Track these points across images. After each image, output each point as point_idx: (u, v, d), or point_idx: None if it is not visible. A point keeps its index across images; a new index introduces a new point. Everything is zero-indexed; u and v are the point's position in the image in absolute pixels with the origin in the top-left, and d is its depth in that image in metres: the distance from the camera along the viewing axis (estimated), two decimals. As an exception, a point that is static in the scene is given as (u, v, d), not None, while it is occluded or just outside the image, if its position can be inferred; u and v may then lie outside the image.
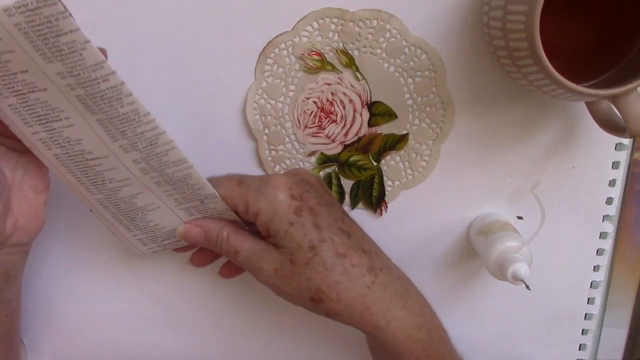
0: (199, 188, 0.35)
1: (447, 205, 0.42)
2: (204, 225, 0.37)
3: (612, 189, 0.42)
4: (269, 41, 0.38)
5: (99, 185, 0.35)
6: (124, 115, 0.31)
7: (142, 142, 0.33)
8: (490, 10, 0.33)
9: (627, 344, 0.46)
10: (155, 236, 0.39)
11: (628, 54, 0.34)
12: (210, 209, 0.37)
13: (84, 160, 0.34)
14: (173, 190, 0.35)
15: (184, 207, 0.37)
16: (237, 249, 0.35)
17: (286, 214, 0.34)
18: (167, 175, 0.34)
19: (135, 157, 0.33)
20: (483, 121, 0.40)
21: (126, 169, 0.34)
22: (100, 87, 0.30)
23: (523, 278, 0.35)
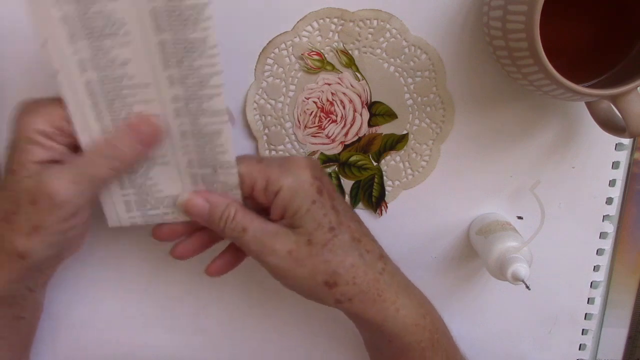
0: (221, 151, 0.33)
1: (447, 205, 0.42)
2: (210, 199, 0.34)
3: (612, 189, 0.42)
4: (269, 41, 0.38)
5: (118, 122, 0.32)
6: (191, 42, 0.29)
7: (194, 77, 0.30)
8: (490, 10, 0.33)
9: (627, 344, 0.46)
10: (146, 200, 0.35)
11: (628, 54, 0.34)
12: (219, 182, 0.34)
13: (118, 88, 0.31)
14: (193, 147, 0.33)
15: (193, 172, 0.34)
16: (245, 227, 0.33)
17: (309, 192, 0.33)
18: (197, 125, 0.32)
19: (177, 94, 0.31)
20: (483, 121, 0.40)
21: (160, 105, 0.32)
22: (183, 2, 0.28)
23: (523, 278, 0.35)
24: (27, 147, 0.30)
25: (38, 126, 0.30)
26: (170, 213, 0.36)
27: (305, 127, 0.40)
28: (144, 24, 0.29)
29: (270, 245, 0.33)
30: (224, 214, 0.33)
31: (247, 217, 0.33)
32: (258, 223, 0.33)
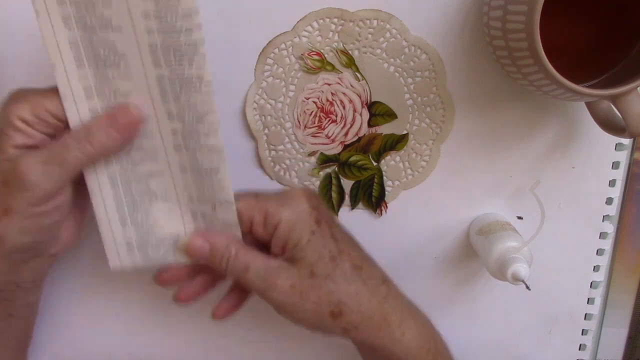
0: (220, 188, 0.33)
1: (447, 205, 0.42)
2: (211, 239, 0.34)
3: (612, 189, 0.42)
4: (269, 41, 0.38)
5: (122, 155, 0.33)
6: (187, 78, 0.30)
7: (191, 112, 0.31)
8: (490, 10, 0.33)
9: (627, 344, 0.46)
10: (147, 240, 0.35)
11: (628, 54, 0.34)
12: (219, 220, 0.34)
13: None
14: (192, 183, 0.33)
15: (193, 209, 0.34)
16: (248, 265, 0.33)
17: (308, 222, 0.33)
18: (196, 160, 0.32)
19: (175, 128, 0.32)
20: (483, 121, 0.40)
21: (161, 138, 0.32)
22: (179, 39, 0.29)
23: (523, 278, 0.35)
24: (9, 132, 0.31)
25: (20, 113, 0.30)
26: (171, 254, 0.36)
27: (305, 127, 0.40)
28: (143, 59, 0.30)
29: (273, 281, 0.33)
30: (225, 253, 0.33)
31: (248, 255, 0.33)
32: (260, 260, 0.33)
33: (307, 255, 0.33)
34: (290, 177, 0.41)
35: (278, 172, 0.41)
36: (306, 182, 0.41)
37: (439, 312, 0.46)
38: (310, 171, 0.41)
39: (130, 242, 0.35)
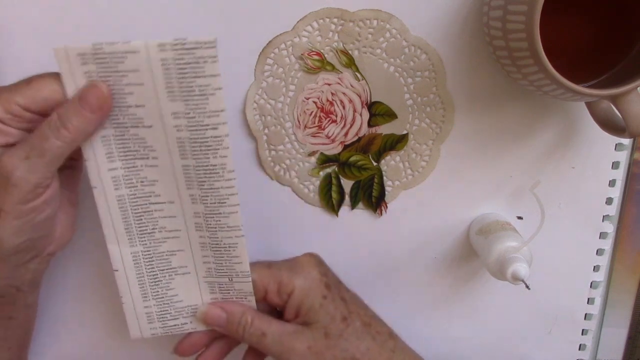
0: (238, 262, 0.35)
1: (447, 205, 0.42)
2: (227, 308, 0.37)
3: (612, 189, 0.42)
4: (269, 41, 0.38)
5: (146, 235, 0.35)
6: (212, 167, 0.32)
7: (214, 197, 0.33)
8: (490, 10, 0.33)
9: (627, 344, 0.46)
10: (166, 311, 0.38)
11: (628, 54, 0.34)
12: (234, 290, 0.37)
13: (147, 204, 0.34)
14: (212, 258, 0.36)
15: (211, 281, 0.37)
16: (264, 331, 0.36)
17: (319, 288, 0.36)
18: (216, 238, 0.35)
19: (198, 210, 0.34)
20: (483, 121, 0.40)
21: (184, 220, 0.35)
22: (205, 134, 0.31)
23: (523, 278, 0.35)
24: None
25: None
26: (188, 323, 0.38)
27: (305, 127, 0.40)
28: (171, 151, 0.32)
29: (290, 345, 0.35)
30: (242, 321, 0.36)
31: (264, 322, 0.36)
32: (275, 325, 0.36)
33: (321, 318, 0.36)
34: (290, 177, 0.41)
35: (278, 172, 0.41)
36: (306, 181, 0.41)
37: (439, 312, 0.46)
38: (310, 171, 0.41)
39: (151, 314, 0.38)
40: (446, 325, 0.46)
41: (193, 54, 0.29)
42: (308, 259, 0.38)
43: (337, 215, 0.42)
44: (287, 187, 0.42)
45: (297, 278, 0.36)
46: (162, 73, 0.30)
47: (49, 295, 0.44)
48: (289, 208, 0.42)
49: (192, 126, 0.31)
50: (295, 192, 0.42)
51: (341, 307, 0.37)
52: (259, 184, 0.41)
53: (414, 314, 0.45)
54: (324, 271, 0.37)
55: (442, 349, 0.47)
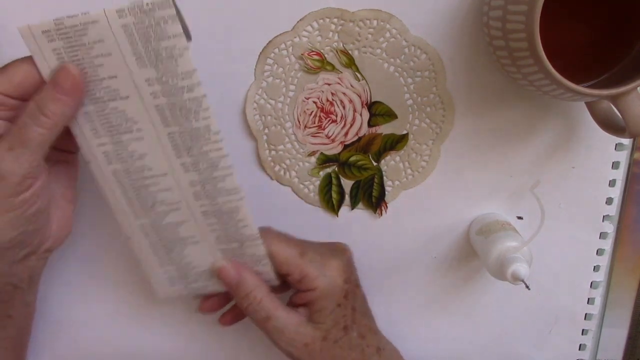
0: (243, 226, 0.35)
1: (447, 205, 0.42)
2: (242, 273, 0.36)
3: (612, 189, 0.42)
4: (269, 41, 0.38)
5: (148, 209, 0.35)
6: (196, 130, 0.32)
7: (204, 162, 0.33)
8: (490, 10, 0.33)
9: (627, 344, 0.46)
10: (186, 275, 0.38)
11: (628, 54, 0.34)
12: (248, 255, 0.37)
13: (141, 178, 0.34)
14: (217, 225, 0.36)
15: (223, 248, 0.37)
16: (269, 314, 0.36)
17: (338, 296, 0.36)
18: (217, 204, 0.35)
19: (193, 179, 0.34)
20: (483, 121, 0.40)
21: (180, 191, 0.35)
22: (182, 97, 0.31)
23: (523, 278, 0.35)
24: None
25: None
26: (210, 285, 0.39)
27: (305, 127, 0.40)
28: (153, 120, 0.32)
29: (290, 336, 0.36)
30: (251, 295, 0.36)
31: (272, 305, 0.36)
32: (281, 313, 0.36)
33: (326, 322, 0.36)
34: (290, 177, 0.41)
35: (278, 172, 0.41)
36: (306, 181, 0.41)
37: (439, 312, 0.46)
38: (310, 171, 0.41)
39: (172, 278, 0.38)
40: (446, 325, 0.46)
41: (153, 16, 0.29)
42: (339, 263, 0.37)
43: (337, 215, 0.42)
44: (287, 187, 0.42)
45: (322, 279, 0.36)
46: (127, 39, 0.29)
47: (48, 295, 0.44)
48: (289, 208, 0.42)
49: (167, 91, 0.31)
50: (295, 192, 0.42)
51: (348, 316, 0.37)
52: (259, 184, 0.41)
53: (414, 313, 0.45)
54: (347, 277, 0.37)
55: (441, 349, 0.47)
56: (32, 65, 0.31)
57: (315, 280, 0.36)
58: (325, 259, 0.37)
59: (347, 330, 0.37)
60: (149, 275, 0.38)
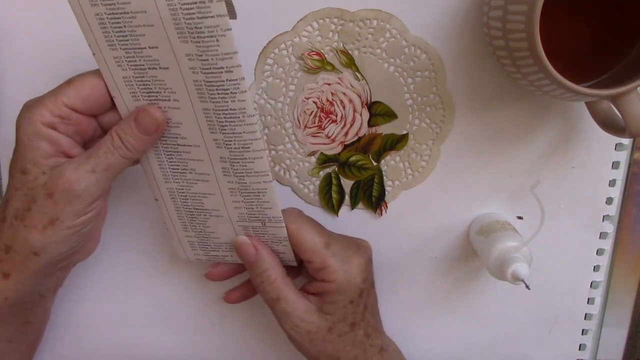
0: (268, 207, 0.35)
1: (447, 205, 0.42)
2: (261, 252, 0.37)
3: (612, 189, 0.42)
4: (269, 41, 0.38)
5: (178, 174, 0.36)
6: (231, 111, 0.32)
7: (237, 142, 0.33)
8: (490, 10, 0.33)
9: (627, 344, 0.46)
10: (206, 244, 0.39)
11: (628, 54, 0.34)
12: (269, 234, 0.37)
13: (175, 145, 0.34)
14: (242, 203, 0.36)
15: (244, 225, 0.37)
16: (280, 296, 0.36)
17: (353, 293, 0.36)
18: (244, 184, 0.35)
19: (224, 155, 0.34)
20: (483, 121, 0.40)
21: (211, 164, 0.35)
22: (221, 77, 0.31)
23: (523, 278, 0.35)
24: (36, 143, 0.31)
25: (41, 118, 0.31)
26: (229, 256, 0.39)
27: (305, 127, 0.40)
28: (190, 94, 0.32)
29: (296, 322, 0.36)
30: (266, 273, 0.36)
31: (284, 288, 0.36)
32: (292, 297, 0.36)
33: (335, 314, 0.36)
34: (290, 177, 0.41)
35: (278, 172, 0.41)
36: (306, 181, 0.41)
37: (439, 312, 0.46)
38: (310, 171, 0.41)
39: (193, 243, 0.39)
40: (446, 325, 0.46)
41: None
42: (361, 261, 0.37)
43: (337, 215, 0.42)
44: (287, 187, 0.42)
45: (341, 274, 0.36)
46: (170, 14, 0.29)
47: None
48: (289, 208, 0.42)
49: (206, 69, 0.30)
50: (295, 192, 0.42)
51: (358, 314, 0.37)
52: (259, 184, 0.41)
53: (414, 313, 0.45)
54: (366, 277, 0.38)
55: (441, 349, 0.47)
56: (100, 79, 0.32)
57: (335, 273, 0.36)
58: (349, 254, 0.37)
59: (354, 327, 0.37)
60: (172, 236, 0.39)
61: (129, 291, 0.44)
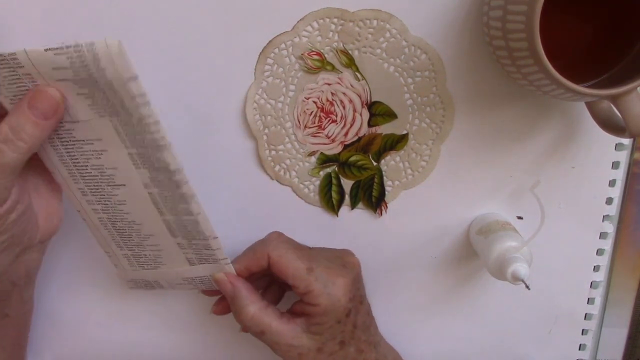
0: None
1: (447, 205, 0.42)
2: (237, 287, 0.37)
3: (612, 189, 0.42)
4: (269, 41, 0.38)
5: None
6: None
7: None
8: (490, 10, 0.33)
9: (627, 344, 0.46)
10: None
11: (628, 54, 0.34)
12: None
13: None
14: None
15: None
16: (264, 329, 0.36)
17: (339, 314, 0.36)
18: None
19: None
20: (483, 121, 0.40)
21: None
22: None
23: (523, 278, 0.35)
24: None
25: None
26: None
27: (305, 127, 0.40)
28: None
29: (285, 347, 0.37)
30: (244, 310, 0.37)
31: (265, 320, 0.36)
32: (276, 326, 0.36)
33: (324, 335, 0.37)
34: (290, 177, 0.41)
35: (278, 172, 0.41)
36: (306, 181, 0.41)
37: (439, 312, 0.46)
38: (310, 171, 0.41)
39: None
40: (446, 325, 0.46)
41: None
42: (345, 282, 0.37)
43: (337, 215, 0.42)
44: (287, 187, 0.42)
45: (325, 297, 0.36)
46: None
47: (49, 294, 0.44)
48: (289, 208, 0.42)
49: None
50: (295, 192, 0.42)
51: (347, 332, 0.37)
52: (259, 184, 0.41)
53: (413, 313, 0.45)
54: (353, 296, 0.38)
55: (442, 349, 0.47)
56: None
57: (319, 297, 0.36)
58: (333, 276, 0.37)
59: (344, 345, 0.37)
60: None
61: (129, 291, 0.44)
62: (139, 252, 0.39)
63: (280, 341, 0.36)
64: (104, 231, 0.38)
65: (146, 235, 0.37)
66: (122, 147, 0.32)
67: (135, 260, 0.39)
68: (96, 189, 0.35)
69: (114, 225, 0.37)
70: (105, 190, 0.35)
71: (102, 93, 0.30)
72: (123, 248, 0.39)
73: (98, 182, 0.35)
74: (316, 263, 0.37)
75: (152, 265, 0.39)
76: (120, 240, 0.38)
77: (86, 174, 0.34)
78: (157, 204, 0.35)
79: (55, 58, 0.29)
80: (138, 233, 0.37)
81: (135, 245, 0.38)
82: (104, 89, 0.30)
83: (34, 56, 0.29)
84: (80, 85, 0.30)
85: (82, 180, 0.35)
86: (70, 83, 0.30)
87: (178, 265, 0.39)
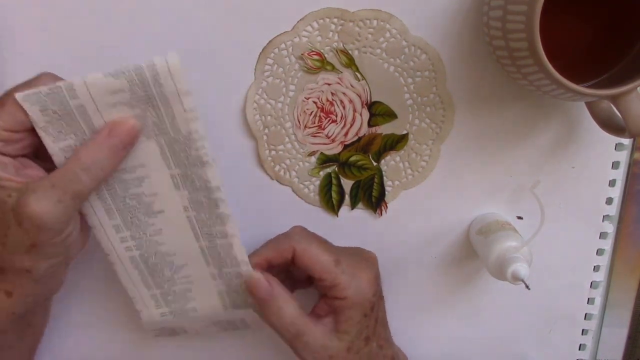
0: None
1: (447, 205, 0.42)
2: (275, 287, 0.36)
3: (612, 189, 0.42)
4: (269, 41, 0.38)
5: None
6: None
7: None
8: (490, 10, 0.33)
9: (627, 344, 0.46)
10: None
11: (628, 54, 0.34)
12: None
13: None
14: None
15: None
16: (299, 329, 0.35)
17: (365, 307, 0.36)
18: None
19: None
20: (483, 121, 0.40)
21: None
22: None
23: (523, 278, 0.35)
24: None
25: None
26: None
27: (305, 127, 0.40)
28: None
29: (316, 349, 0.36)
30: (282, 311, 0.35)
31: (302, 321, 0.35)
32: (310, 327, 0.36)
33: (352, 332, 0.36)
34: (290, 177, 0.41)
35: (278, 172, 0.41)
36: (306, 181, 0.41)
37: (439, 312, 0.46)
38: (310, 171, 0.41)
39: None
40: (446, 325, 0.46)
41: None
42: (371, 275, 0.37)
43: (337, 215, 0.42)
44: (287, 187, 0.42)
45: (353, 290, 0.36)
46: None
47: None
48: (288, 208, 0.42)
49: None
50: (295, 192, 0.42)
51: (371, 327, 0.37)
52: (259, 184, 0.41)
53: (414, 313, 0.45)
54: (375, 290, 0.37)
55: (442, 349, 0.47)
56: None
57: (347, 289, 0.36)
58: (357, 270, 0.37)
59: (368, 341, 0.37)
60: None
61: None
62: (168, 289, 0.38)
63: (314, 343, 0.36)
64: (134, 272, 0.37)
65: (179, 265, 0.37)
66: (165, 169, 0.33)
67: (162, 299, 0.39)
68: (132, 221, 0.35)
69: (146, 262, 0.37)
70: (141, 220, 0.35)
71: (154, 111, 0.30)
72: (151, 288, 0.38)
73: (135, 213, 0.34)
74: (341, 257, 0.37)
75: (181, 303, 0.39)
76: (150, 279, 0.38)
77: (123, 206, 0.34)
78: (194, 229, 0.35)
79: (114, 82, 0.29)
80: (171, 265, 0.37)
81: (166, 282, 0.38)
82: (158, 105, 0.30)
83: (92, 82, 0.29)
84: (133, 107, 0.30)
85: (117, 214, 0.35)
86: (125, 107, 0.30)
87: (207, 301, 0.39)
